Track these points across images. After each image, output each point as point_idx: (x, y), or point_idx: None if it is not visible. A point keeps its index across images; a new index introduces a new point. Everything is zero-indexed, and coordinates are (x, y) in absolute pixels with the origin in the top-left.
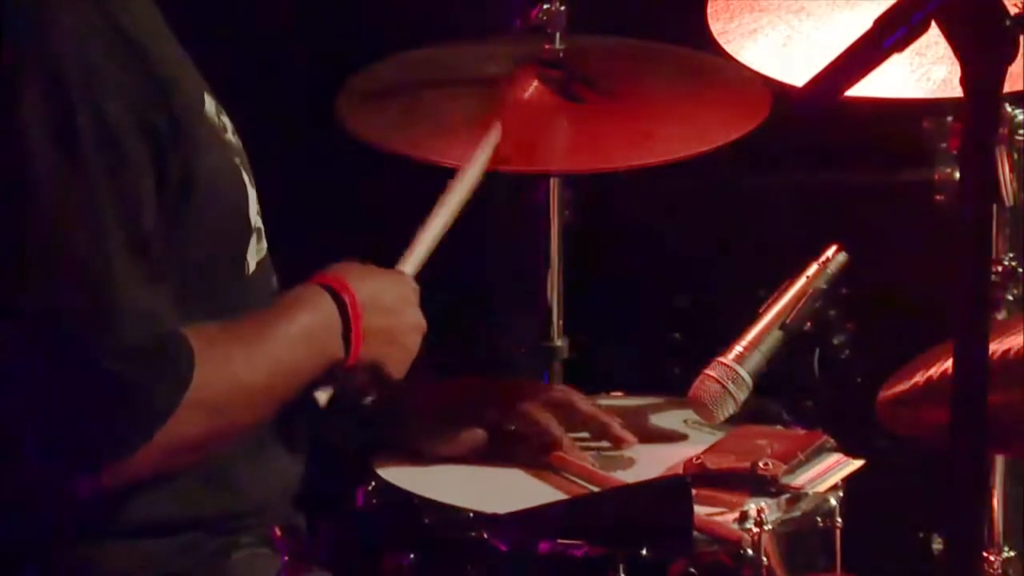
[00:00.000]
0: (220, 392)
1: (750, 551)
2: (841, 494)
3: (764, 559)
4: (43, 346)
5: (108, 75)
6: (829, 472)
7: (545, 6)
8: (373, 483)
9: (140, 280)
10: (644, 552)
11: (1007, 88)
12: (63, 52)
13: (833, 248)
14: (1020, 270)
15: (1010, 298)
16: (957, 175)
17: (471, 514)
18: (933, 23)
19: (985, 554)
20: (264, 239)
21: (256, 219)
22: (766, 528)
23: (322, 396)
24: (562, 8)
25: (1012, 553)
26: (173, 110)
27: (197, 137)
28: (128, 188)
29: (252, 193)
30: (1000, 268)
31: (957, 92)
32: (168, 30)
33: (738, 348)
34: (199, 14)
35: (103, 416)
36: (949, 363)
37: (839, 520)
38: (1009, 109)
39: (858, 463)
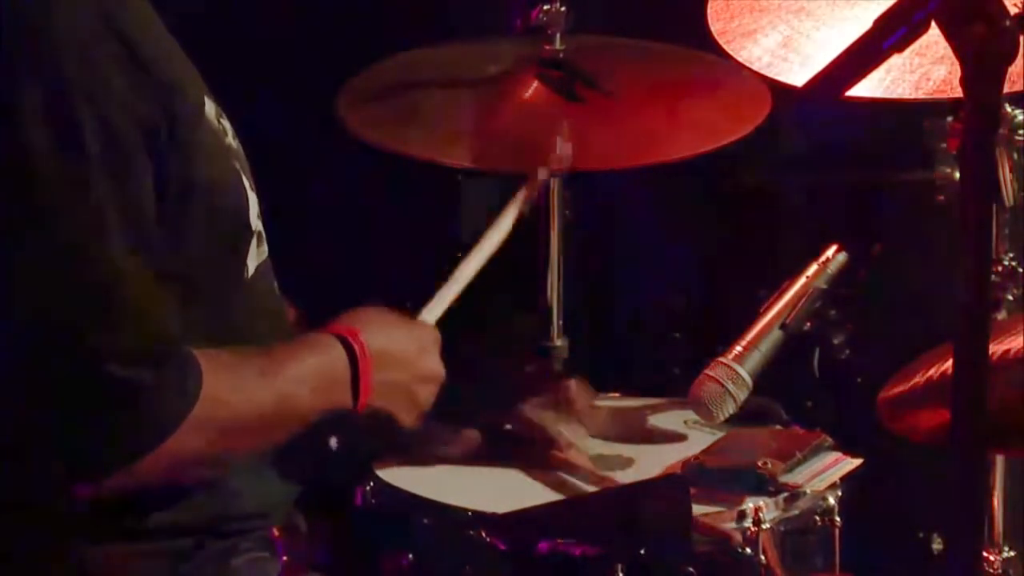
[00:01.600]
0: (227, 412)
1: (748, 550)
2: (839, 493)
3: (763, 558)
4: (49, 349)
5: (108, 78)
6: (827, 471)
7: (545, 6)
8: (372, 483)
9: (145, 283)
10: (643, 552)
11: (1007, 88)
12: (64, 55)
13: (833, 248)
14: (1020, 270)
15: (1010, 298)
16: (957, 175)
17: (470, 514)
18: (933, 23)
19: (985, 554)
20: (265, 243)
21: (256, 223)
22: (764, 527)
23: (333, 441)
24: (562, 8)
25: (1012, 553)
26: (172, 112)
27: (197, 140)
28: (131, 190)
29: (253, 197)
30: (1000, 268)
31: (957, 92)
32: (167, 34)
33: (738, 348)
34: (198, 16)
35: (109, 421)
36: (949, 363)
37: (838, 519)
38: (1009, 109)
39: (856, 462)
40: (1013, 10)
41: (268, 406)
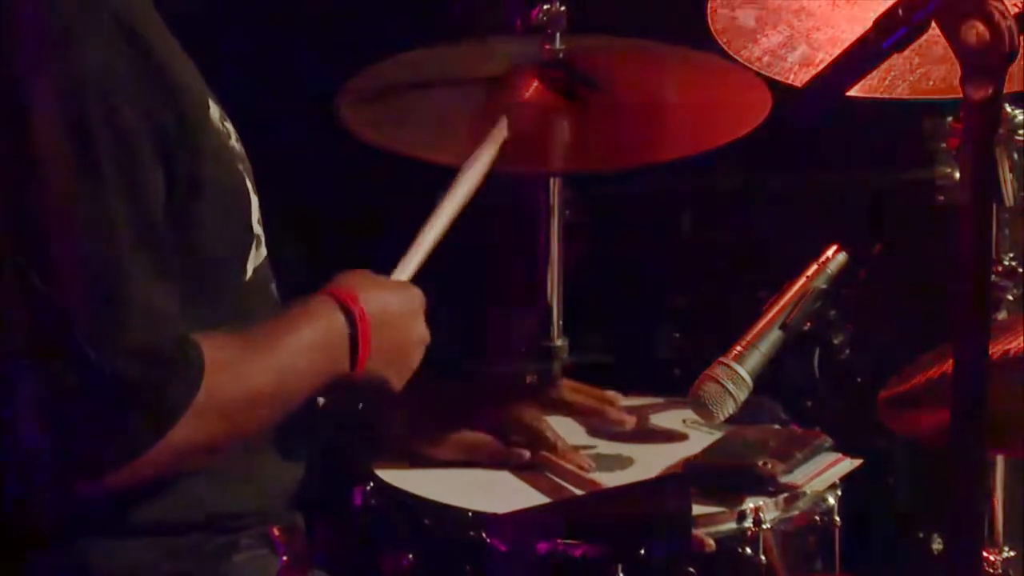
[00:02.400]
0: (229, 398)
1: (749, 550)
2: (839, 493)
3: (763, 558)
4: (54, 345)
5: (120, 75)
6: (827, 471)
7: (545, 6)
8: (371, 483)
9: (151, 279)
10: (643, 552)
11: (1007, 88)
12: (75, 52)
13: (833, 248)
14: (1020, 270)
15: (1010, 298)
16: (957, 175)
17: (470, 514)
18: (933, 23)
19: (985, 554)
20: (264, 246)
21: (257, 226)
22: (764, 527)
23: (320, 399)
24: (562, 8)
25: (1012, 553)
26: (181, 112)
27: (203, 141)
28: (140, 187)
29: (255, 200)
30: (1000, 268)
31: (957, 92)
32: (171, 36)
33: (738, 348)
34: (198, 17)
35: (113, 417)
36: (949, 363)
37: (838, 519)
38: (1009, 109)
39: (856, 462)
40: (1013, 10)
41: (268, 385)
